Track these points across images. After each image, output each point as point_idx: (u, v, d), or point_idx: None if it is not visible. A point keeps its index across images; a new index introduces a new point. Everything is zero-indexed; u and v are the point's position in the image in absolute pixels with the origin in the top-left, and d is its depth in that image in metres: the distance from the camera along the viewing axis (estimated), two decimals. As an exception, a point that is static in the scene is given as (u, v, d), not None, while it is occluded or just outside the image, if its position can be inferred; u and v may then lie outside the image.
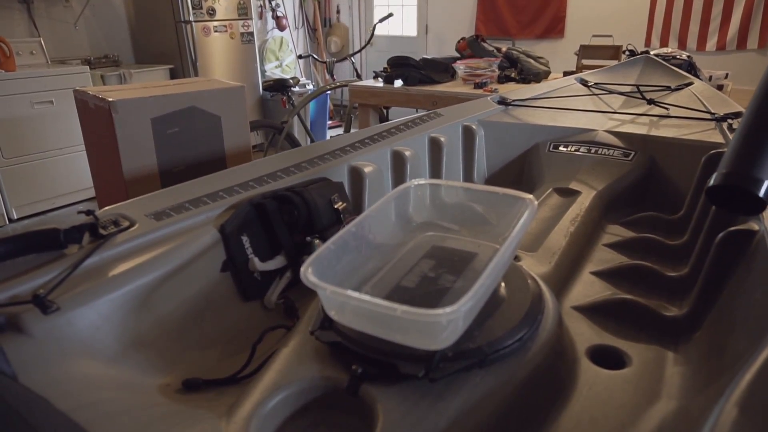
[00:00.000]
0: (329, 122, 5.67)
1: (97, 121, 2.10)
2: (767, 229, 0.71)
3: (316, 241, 0.86)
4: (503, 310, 0.64)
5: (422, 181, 0.78)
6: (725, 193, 0.64)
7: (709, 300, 0.78)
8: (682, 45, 4.49)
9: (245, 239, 0.85)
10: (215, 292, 0.80)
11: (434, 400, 0.54)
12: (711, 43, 4.40)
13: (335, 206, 0.93)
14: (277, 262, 0.87)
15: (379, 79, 3.22)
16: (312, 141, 4.05)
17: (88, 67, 3.86)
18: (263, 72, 5.77)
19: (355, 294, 0.55)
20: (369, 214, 0.71)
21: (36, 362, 0.56)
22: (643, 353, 0.75)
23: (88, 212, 0.74)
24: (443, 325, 0.53)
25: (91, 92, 2.08)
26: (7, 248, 0.66)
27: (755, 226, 0.76)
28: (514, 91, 1.79)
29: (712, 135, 1.27)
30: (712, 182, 0.64)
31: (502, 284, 0.68)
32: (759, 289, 0.62)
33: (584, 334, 0.79)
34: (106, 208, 0.80)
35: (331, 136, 4.26)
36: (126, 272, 0.70)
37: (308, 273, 0.57)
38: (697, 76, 2.57)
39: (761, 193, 0.60)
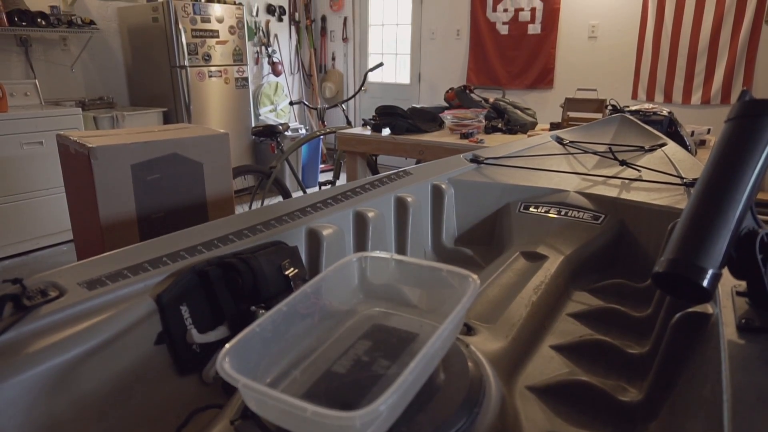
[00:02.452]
0: (322, 166, 5.71)
1: (76, 166, 2.09)
2: (722, 312, 0.68)
3: (261, 311, 0.83)
4: (437, 400, 0.60)
5: (368, 254, 0.76)
6: (671, 279, 0.62)
7: (665, 386, 0.74)
8: (668, 98, 4.58)
9: (185, 309, 0.81)
10: (147, 367, 0.76)
11: None
12: (696, 97, 4.49)
13: (285, 272, 0.90)
14: (218, 333, 0.83)
15: (368, 127, 3.24)
16: (300, 186, 4.05)
17: (80, 109, 3.90)
18: (257, 116, 5.85)
19: (268, 390, 0.51)
20: (305, 290, 0.68)
21: None
22: None
23: (15, 281, 0.71)
24: (357, 428, 0.49)
25: (72, 137, 2.08)
26: None
27: (710, 309, 0.73)
28: (491, 147, 1.79)
29: (680, 201, 1.26)
30: (656, 268, 0.62)
31: (441, 370, 0.64)
32: (708, 384, 0.59)
33: (536, 420, 0.75)
34: (39, 275, 0.77)
35: (320, 182, 4.28)
36: (45, 348, 0.66)
37: (225, 363, 0.54)
38: (678, 132, 2.59)
39: (705, 282, 0.58)
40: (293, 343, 0.66)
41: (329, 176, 4.24)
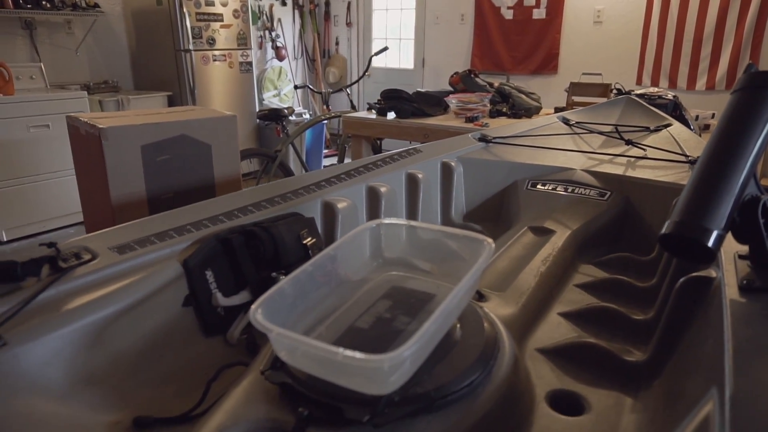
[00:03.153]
0: (325, 151, 5.73)
1: (87, 147, 2.12)
2: (725, 276, 0.71)
3: (282, 277, 0.86)
4: (455, 353, 0.63)
5: (385, 221, 0.79)
6: (677, 241, 0.65)
7: (669, 346, 0.77)
8: (673, 84, 4.58)
9: (209, 274, 0.85)
10: (175, 327, 0.80)
11: None
12: (701, 83, 4.49)
13: (304, 242, 0.94)
14: (241, 298, 0.87)
15: (373, 111, 3.26)
16: (305, 169, 4.08)
17: (85, 92, 3.91)
18: (261, 100, 5.86)
19: (300, 337, 0.54)
20: (327, 253, 0.71)
21: None
22: (602, 399, 0.74)
23: (50, 245, 0.75)
24: (385, 370, 0.52)
25: (83, 118, 2.10)
26: (-37, 281, 0.66)
27: (713, 273, 0.77)
28: (497, 128, 1.82)
29: (684, 178, 1.29)
30: (663, 230, 0.65)
31: (458, 327, 0.68)
32: (710, 340, 0.62)
33: (545, 378, 0.78)
34: (70, 240, 0.80)
35: (325, 166, 4.30)
36: (81, 306, 0.70)
37: (257, 314, 0.57)
38: (683, 116, 2.61)
39: (710, 243, 0.61)
40: (317, 303, 0.70)
41: (333, 161, 4.26)
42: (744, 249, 0.75)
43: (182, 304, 0.82)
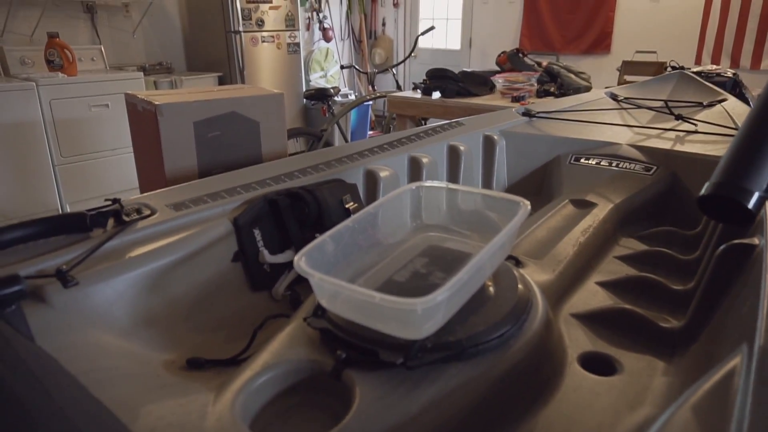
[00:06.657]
0: (370, 132, 5.76)
1: (144, 123, 2.23)
2: (767, 242, 0.70)
3: (325, 238, 0.90)
4: (488, 307, 0.66)
5: (425, 183, 0.81)
6: (717, 203, 0.64)
7: (706, 313, 0.77)
8: (735, 63, 4.34)
9: (257, 232, 0.90)
10: (225, 280, 0.86)
11: (410, 387, 0.57)
12: (766, 62, 4.24)
13: (346, 206, 0.97)
14: (286, 256, 0.92)
15: (418, 90, 3.26)
16: (350, 150, 4.13)
17: (142, 73, 4.08)
18: (308, 81, 5.93)
19: (340, 282, 0.58)
20: (368, 210, 0.74)
21: (54, 329, 0.63)
22: (635, 362, 0.75)
23: (114, 200, 0.82)
24: (418, 313, 0.55)
25: (140, 96, 2.21)
26: (39, 229, 0.73)
27: (756, 240, 0.75)
28: (542, 102, 1.79)
29: None
30: (703, 191, 0.64)
31: (491, 284, 0.70)
32: (747, 303, 0.62)
33: (579, 340, 0.79)
34: (132, 197, 0.87)
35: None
36: (142, 255, 0.76)
37: (301, 261, 0.61)
38: (743, 94, 2.49)
39: (750, 204, 0.60)
40: (356, 258, 0.73)
41: (378, 141, 4.27)
42: None
43: (232, 260, 0.87)
